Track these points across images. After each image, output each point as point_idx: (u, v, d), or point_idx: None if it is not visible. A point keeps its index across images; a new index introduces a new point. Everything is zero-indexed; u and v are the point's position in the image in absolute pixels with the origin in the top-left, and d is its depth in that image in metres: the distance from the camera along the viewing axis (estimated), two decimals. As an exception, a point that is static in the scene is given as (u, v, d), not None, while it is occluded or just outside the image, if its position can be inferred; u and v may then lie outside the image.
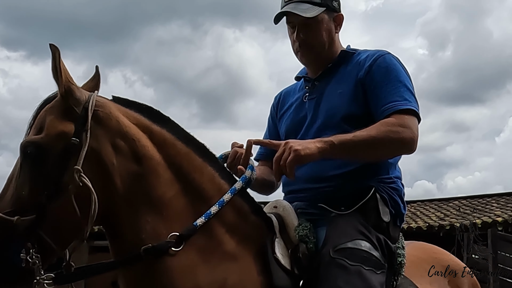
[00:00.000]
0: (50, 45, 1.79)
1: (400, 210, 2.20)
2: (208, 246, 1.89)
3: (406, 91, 2.13)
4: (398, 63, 2.22)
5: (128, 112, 1.92)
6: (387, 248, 2.09)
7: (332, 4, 2.30)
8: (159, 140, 1.92)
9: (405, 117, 2.07)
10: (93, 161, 1.78)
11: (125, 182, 1.82)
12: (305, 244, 2.01)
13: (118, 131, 1.85)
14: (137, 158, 1.86)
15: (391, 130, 2.02)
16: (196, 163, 1.97)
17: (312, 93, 2.33)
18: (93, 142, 1.79)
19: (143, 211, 1.84)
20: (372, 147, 2.01)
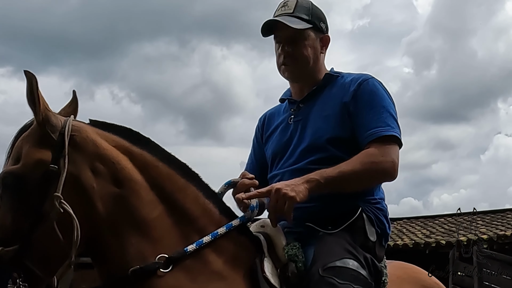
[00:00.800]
0: (25, 72, 1.78)
1: (386, 230, 2.24)
2: (196, 267, 1.89)
3: (389, 116, 2.19)
4: (382, 88, 2.27)
5: (106, 135, 1.90)
6: (373, 267, 2.11)
7: (320, 25, 2.34)
8: (140, 162, 1.91)
9: (387, 146, 2.14)
10: (73, 187, 1.76)
11: (107, 206, 1.81)
12: (294, 263, 2.02)
13: (96, 154, 1.83)
14: (117, 180, 1.84)
15: (373, 162, 2.09)
16: (179, 183, 1.96)
17: (297, 116, 2.35)
18: (72, 167, 1.77)
19: (127, 233, 1.83)
20: (356, 180, 2.10)
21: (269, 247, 2.06)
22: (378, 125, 2.16)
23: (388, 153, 2.12)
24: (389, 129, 2.15)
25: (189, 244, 1.89)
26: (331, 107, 2.26)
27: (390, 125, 2.16)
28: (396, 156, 2.14)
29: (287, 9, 2.31)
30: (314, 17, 2.33)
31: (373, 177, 2.15)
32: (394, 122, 2.19)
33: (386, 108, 2.20)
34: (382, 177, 2.17)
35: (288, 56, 2.31)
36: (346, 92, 2.25)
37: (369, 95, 2.22)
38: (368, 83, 2.25)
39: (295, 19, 2.28)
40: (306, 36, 2.30)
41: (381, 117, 2.17)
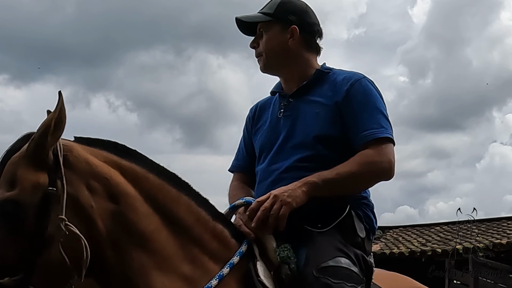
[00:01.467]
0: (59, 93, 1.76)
1: (373, 225, 2.26)
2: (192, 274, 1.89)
3: (382, 117, 2.23)
4: (374, 88, 2.30)
5: (94, 151, 1.87)
6: (364, 262, 2.13)
7: (288, 17, 2.35)
8: (131, 175, 1.89)
9: (382, 146, 2.18)
10: (73, 208, 1.73)
11: (107, 223, 1.79)
12: (287, 265, 2.01)
13: (90, 172, 1.80)
14: (113, 196, 1.82)
15: (370, 162, 2.14)
16: (171, 193, 1.96)
17: (287, 111, 2.35)
18: (69, 188, 1.74)
19: (127, 249, 1.81)
20: (354, 181, 2.15)
21: (260, 250, 2.06)
22: (372, 126, 2.19)
23: (385, 153, 2.17)
24: (383, 130, 2.19)
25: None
26: (322, 104, 2.26)
27: (384, 126, 2.21)
28: (392, 155, 2.19)
29: (264, 7, 2.41)
30: (280, 10, 2.36)
31: (371, 177, 2.20)
32: (387, 122, 2.24)
33: (379, 109, 2.24)
34: (380, 176, 2.22)
35: (256, 50, 2.41)
36: (338, 91, 2.26)
37: (362, 95, 2.24)
38: (360, 83, 2.27)
39: (259, 14, 2.38)
40: (267, 29, 2.36)
41: (375, 118, 2.21)
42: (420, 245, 15.54)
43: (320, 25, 2.45)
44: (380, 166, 2.16)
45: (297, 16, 2.38)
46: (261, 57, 2.39)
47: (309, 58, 2.40)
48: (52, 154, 1.75)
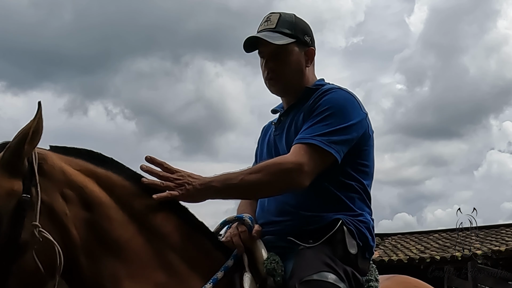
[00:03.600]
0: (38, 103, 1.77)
1: (368, 242, 2.20)
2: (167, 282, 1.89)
3: (324, 126, 2.11)
4: (341, 98, 2.20)
5: (69, 159, 1.88)
6: (354, 280, 2.09)
7: (304, 38, 2.32)
8: (106, 183, 1.90)
9: (298, 151, 2.08)
10: (47, 215, 1.75)
11: (81, 231, 1.80)
12: (273, 278, 2.01)
13: (64, 181, 1.81)
14: (87, 205, 1.83)
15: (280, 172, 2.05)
16: (146, 202, 1.94)
17: (277, 130, 2.36)
18: (44, 196, 1.75)
19: (101, 257, 1.82)
20: (258, 190, 2.11)
21: (250, 261, 2.05)
22: (305, 133, 2.12)
23: (299, 163, 2.04)
24: (310, 137, 2.09)
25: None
26: (299, 120, 2.24)
27: (317, 133, 2.09)
28: (309, 165, 2.05)
29: (270, 24, 2.30)
30: (298, 30, 2.31)
31: (278, 187, 2.09)
32: (327, 130, 2.10)
33: (326, 117, 2.13)
34: (287, 187, 2.09)
35: (271, 71, 2.30)
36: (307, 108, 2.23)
37: (322, 104, 2.17)
38: (329, 93, 2.21)
39: (277, 34, 2.27)
40: (289, 51, 2.29)
41: (315, 125, 2.13)
42: (418, 252, 15.54)
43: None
44: (290, 176, 2.05)
45: (310, 37, 2.37)
46: (279, 80, 2.31)
47: (313, 77, 2.39)
48: (27, 162, 1.77)
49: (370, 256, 2.23)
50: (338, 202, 2.17)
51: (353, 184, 2.21)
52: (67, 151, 1.92)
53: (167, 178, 1.98)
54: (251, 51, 2.34)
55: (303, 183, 2.06)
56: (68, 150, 1.93)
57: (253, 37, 2.29)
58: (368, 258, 2.21)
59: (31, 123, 1.76)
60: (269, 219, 2.19)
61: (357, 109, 2.21)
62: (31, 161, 1.77)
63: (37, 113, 1.77)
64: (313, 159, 2.07)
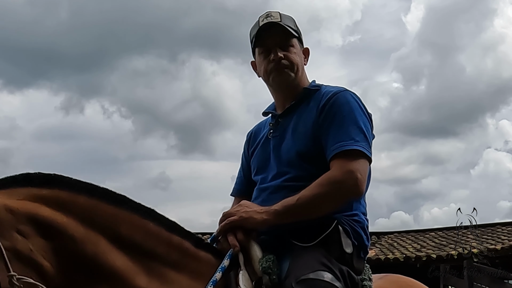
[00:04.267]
0: None
1: (363, 242, 2.20)
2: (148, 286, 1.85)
3: (355, 130, 2.13)
4: (354, 100, 2.22)
5: (10, 191, 1.74)
6: (350, 279, 2.09)
7: (301, 37, 2.39)
8: (56, 203, 1.78)
9: (349, 162, 2.08)
10: (16, 260, 1.64)
11: (52, 261, 1.71)
12: (268, 276, 2.00)
13: (13, 219, 1.68)
14: (45, 233, 1.72)
15: (333, 183, 2.06)
16: (108, 211, 1.86)
17: (276, 131, 2.34)
18: (4, 242, 1.63)
19: (78, 280, 1.75)
20: (318, 205, 2.08)
21: (245, 260, 2.05)
22: (342, 139, 2.11)
23: (350, 170, 2.06)
24: (352, 143, 2.10)
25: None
26: (305, 123, 2.23)
27: (355, 138, 2.11)
28: (360, 171, 2.08)
29: (273, 18, 2.30)
30: (298, 29, 2.38)
31: (335, 199, 2.09)
32: (361, 135, 2.13)
33: (354, 120, 2.15)
34: (345, 197, 2.11)
35: (285, 58, 2.29)
36: (318, 107, 2.22)
37: (338, 108, 2.17)
38: (338, 97, 2.21)
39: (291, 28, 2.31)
40: (295, 44, 2.34)
41: (346, 130, 2.13)
42: (415, 251, 15.56)
43: None
44: (344, 185, 2.06)
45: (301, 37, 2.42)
46: (291, 69, 2.31)
47: (308, 79, 2.41)
48: None
49: (364, 255, 2.23)
50: None
51: None
52: (4, 183, 1.78)
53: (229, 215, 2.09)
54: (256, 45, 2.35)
55: (361, 191, 2.09)
56: (4, 182, 1.78)
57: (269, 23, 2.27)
58: (363, 258, 2.22)
59: None
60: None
61: (366, 110, 2.27)
62: None
63: None
64: (363, 165, 2.11)
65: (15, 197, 1.74)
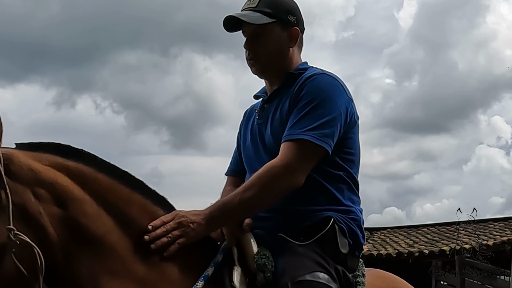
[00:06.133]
0: None
1: (359, 240, 2.18)
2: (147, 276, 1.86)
3: (313, 117, 2.07)
4: (327, 84, 2.15)
5: (38, 155, 1.81)
6: (345, 279, 2.07)
7: (287, 18, 2.25)
8: (78, 176, 1.83)
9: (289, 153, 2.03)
10: (21, 217, 1.69)
11: (57, 229, 1.75)
12: (263, 273, 1.98)
13: (34, 179, 1.75)
14: (60, 201, 1.78)
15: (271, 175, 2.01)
16: (122, 193, 1.90)
17: (261, 118, 2.30)
18: (15, 197, 1.69)
19: (77, 254, 1.78)
20: (258, 205, 2.05)
21: (240, 256, 2.03)
22: (294, 127, 2.07)
23: (286, 159, 2.01)
24: (302, 132, 2.04)
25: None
26: (281, 109, 2.19)
27: (308, 127, 2.04)
28: (294, 159, 2.01)
29: (252, 3, 2.24)
30: (280, 10, 2.24)
31: (272, 191, 2.03)
32: (318, 123, 2.05)
33: (315, 107, 2.08)
34: (281, 187, 2.04)
35: (251, 52, 2.26)
36: (293, 92, 2.17)
37: (305, 93, 2.11)
38: (310, 81, 2.14)
39: (257, 13, 2.21)
40: (269, 31, 2.22)
41: (302, 118, 2.07)
42: (407, 247, 15.61)
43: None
44: (281, 178, 2.01)
45: (295, 17, 2.28)
46: (258, 60, 2.26)
47: (298, 60, 2.33)
48: None
49: (359, 254, 2.21)
50: (327, 195, 2.14)
51: (341, 174, 2.17)
52: (35, 146, 1.85)
53: (171, 229, 1.91)
54: (234, 30, 2.29)
55: (297, 182, 2.03)
56: (35, 146, 1.85)
57: (232, 17, 2.24)
58: (357, 256, 2.20)
59: None
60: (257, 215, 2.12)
61: (343, 95, 2.16)
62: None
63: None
64: (305, 156, 2.03)
65: (43, 161, 1.80)
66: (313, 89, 2.12)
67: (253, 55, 2.26)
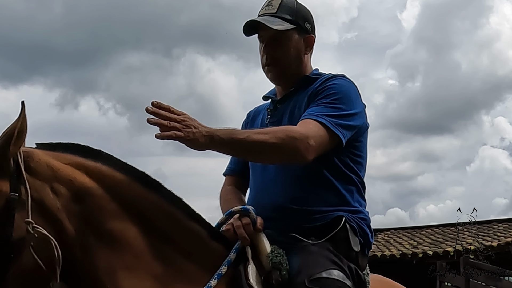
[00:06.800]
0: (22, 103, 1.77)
1: (369, 239, 2.22)
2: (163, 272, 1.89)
3: (330, 108, 2.11)
4: (345, 85, 2.21)
5: (57, 154, 1.88)
6: (357, 277, 2.10)
7: (304, 25, 2.31)
8: (96, 174, 1.89)
9: (307, 126, 2.03)
10: (40, 211, 1.75)
11: (74, 224, 1.81)
12: (279, 271, 1.99)
13: (52, 176, 1.82)
14: (78, 197, 1.83)
15: (288, 137, 1.97)
16: (139, 192, 1.94)
17: (273, 117, 2.33)
18: (34, 193, 1.76)
19: (95, 249, 1.82)
20: (260, 152, 2.00)
21: (253, 254, 2.04)
22: (313, 111, 2.10)
23: (306, 130, 2.01)
24: (320, 115, 2.07)
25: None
26: (299, 107, 2.23)
27: (325, 113, 2.08)
28: (315, 139, 2.01)
29: (271, 8, 2.29)
30: (299, 17, 2.30)
31: (282, 154, 2.01)
32: (334, 113, 2.10)
33: (333, 101, 2.13)
34: (292, 156, 2.01)
35: (270, 57, 2.29)
36: (313, 91, 2.22)
37: (324, 89, 2.18)
38: (330, 81, 2.21)
39: (277, 19, 2.26)
40: (289, 37, 2.28)
41: (323, 105, 2.12)
42: (411, 248, 15.58)
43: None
44: (296, 144, 1.97)
45: (311, 24, 2.35)
46: (277, 65, 2.30)
47: (311, 66, 2.38)
48: (13, 162, 1.77)
49: (368, 252, 2.25)
50: (337, 195, 2.17)
51: (352, 176, 2.21)
52: (54, 146, 1.92)
53: (174, 119, 1.85)
54: (250, 34, 2.32)
55: (307, 155, 2.00)
56: (55, 146, 1.93)
57: (254, 21, 2.27)
58: (367, 255, 2.23)
59: (15, 124, 1.76)
60: (267, 215, 2.12)
61: (360, 99, 2.25)
62: (17, 161, 1.77)
63: (21, 113, 1.78)
64: (320, 136, 2.04)
65: (62, 160, 1.87)
66: (335, 86, 2.18)
67: (271, 60, 2.29)
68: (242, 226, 2.06)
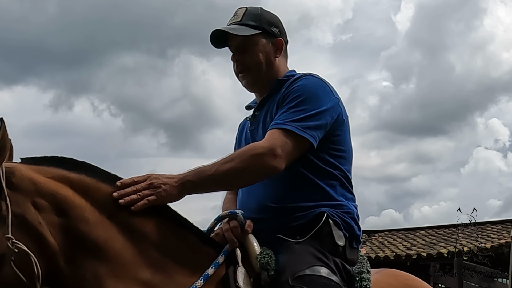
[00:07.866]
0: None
1: (355, 232, 2.21)
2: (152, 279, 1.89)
3: (297, 112, 2.12)
4: (312, 84, 2.22)
5: (40, 168, 1.89)
6: (345, 271, 2.11)
7: (271, 29, 2.34)
8: (80, 186, 1.90)
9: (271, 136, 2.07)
10: (20, 226, 1.77)
11: (58, 237, 1.82)
12: (266, 272, 2.00)
13: (34, 190, 1.83)
14: (61, 210, 1.84)
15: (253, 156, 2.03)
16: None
17: (252, 124, 2.36)
18: (15, 208, 1.77)
19: (80, 260, 1.84)
20: (234, 178, 2.06)
21: (243, 257, 2.04)
22: (279, 119, 2.12)
23: (270, 142, 2.04)
24: (285, 122, 2.09)
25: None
26: (271, 113, 2.25)
27: (291, 119, 2.10)
28: (278, 144, 2.04)
29: (236, 18, 2.34)
30: (263, 22, 2.33)
31: (252, 174, 2.06)
32: (301, 117, 2.11)
33: (299, 103, 2.14)
34: (262, 173, 2.06)
35: (240, 64, 2.33)
36: (281, 95, 2.23)
37: (293, 91, 2.18)
38: (299, 80, 2.23)
39: (242, 26, 2.30)
40: (255, 42, 2.31)
41: (288, 111, 2.13)
42: (405, 249, 15.62)
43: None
44: (263, 160, 2.02)
45: (278, 28, 2.38)
46: (248, 71, 2.33)
47: (285, 69, 2.40)
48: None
49: (357, 245, 2.24)
50: (320, 192, 2.17)
51: (332, 171, 2.21)
52: (39, 160, 1.93)
53: (141, 188, 1.94)
54: (221, 47, 2.37)
55: (278, 166, 2.04)
56: (39, 160, 1.94)
57: (221, 32, 2.31)
58: (356, 248, 2.22)
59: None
60: (252, 217, 2.14)
61: (329, 94, 2.23)
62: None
63: (1, 129, 1.77)
64: (287, 143, 2.06)
65: (45, 174, 1.88)
66: (299, 87, 2.19)
67: (242, 67, 2.33)
68: (230, 229, 2.07)
